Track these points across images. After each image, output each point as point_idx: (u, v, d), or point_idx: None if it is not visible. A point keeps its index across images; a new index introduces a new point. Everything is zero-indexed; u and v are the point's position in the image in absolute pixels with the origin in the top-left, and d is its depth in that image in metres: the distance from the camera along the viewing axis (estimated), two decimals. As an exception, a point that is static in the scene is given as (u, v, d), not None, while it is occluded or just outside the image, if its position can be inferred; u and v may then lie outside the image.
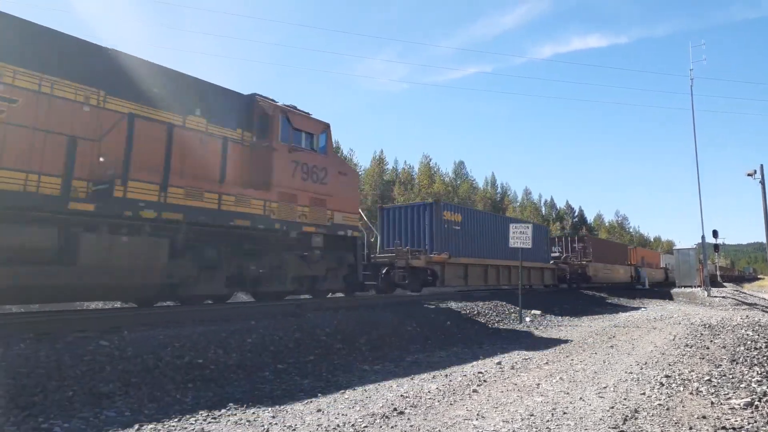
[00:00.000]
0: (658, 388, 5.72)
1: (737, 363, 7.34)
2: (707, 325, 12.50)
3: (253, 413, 4.80)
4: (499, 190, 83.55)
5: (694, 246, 34.23)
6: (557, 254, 29.33)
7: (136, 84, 8.24)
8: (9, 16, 6.89)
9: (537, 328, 12.15)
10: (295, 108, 11.05)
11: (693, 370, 6.77)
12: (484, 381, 6.19)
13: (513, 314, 14.13)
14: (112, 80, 7.89)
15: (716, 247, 37.17)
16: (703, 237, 28.24)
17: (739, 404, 5.01)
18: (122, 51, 8.25)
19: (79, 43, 7.79)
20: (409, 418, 4.60)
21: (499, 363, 7.35)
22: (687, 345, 9.16)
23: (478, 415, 4.71)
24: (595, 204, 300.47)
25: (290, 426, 4.39)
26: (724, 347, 8.88)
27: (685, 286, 31.87)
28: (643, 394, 5.47)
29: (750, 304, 22.87)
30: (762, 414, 4.68)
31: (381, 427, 4.36)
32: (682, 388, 5.73)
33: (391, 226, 18.55)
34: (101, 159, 7.47)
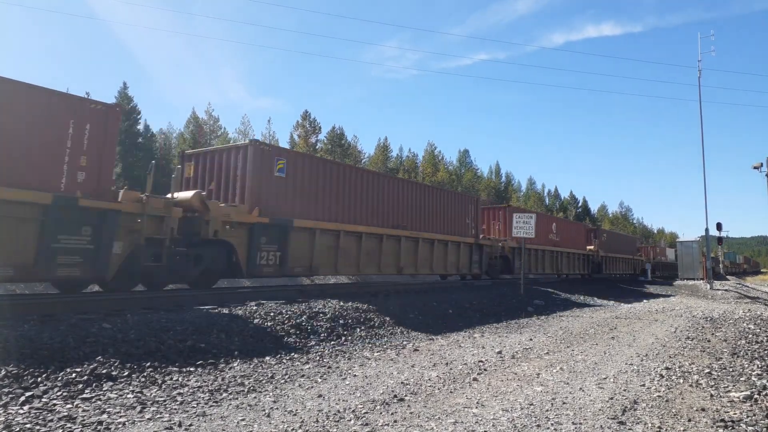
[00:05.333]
0: (658, 380, 5.73)
1: (738, 356, 7.35)
2: (709, 318, 12.50)
3: (255, 397, 4.84)
4: (503, 179, 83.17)
5: (698, 238, 34.14)
6: None
7: None
8: None
9: (539, 318, 12.18)
10: None
11: (693, 363, 6.78)
12: (485, 370, 6.21)
13: (516, 304, 14.15)
14: None
15: (720, 239, 37.05)
16: (707, 230, 28.14)
17: (738, 397, 5.02)
18: None
19: None
20: (409, 405, 4.63)
21: (499, 352, 7.37)
22: (688, 338, 9.17)
23: (477, 403, 4.74)
24: (599, 194, 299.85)
25: (291, 411, 4.42)
26: (725, 340, 8.89)
27: (688, 279, 31.85)
28: (643, 385, 5.48)
29: (752, 298, 22.83)
30: (761, 407, 4.69)
31: (381, 413, 4.39)
32: (681, 381, 5.74)
33: None
34: None
